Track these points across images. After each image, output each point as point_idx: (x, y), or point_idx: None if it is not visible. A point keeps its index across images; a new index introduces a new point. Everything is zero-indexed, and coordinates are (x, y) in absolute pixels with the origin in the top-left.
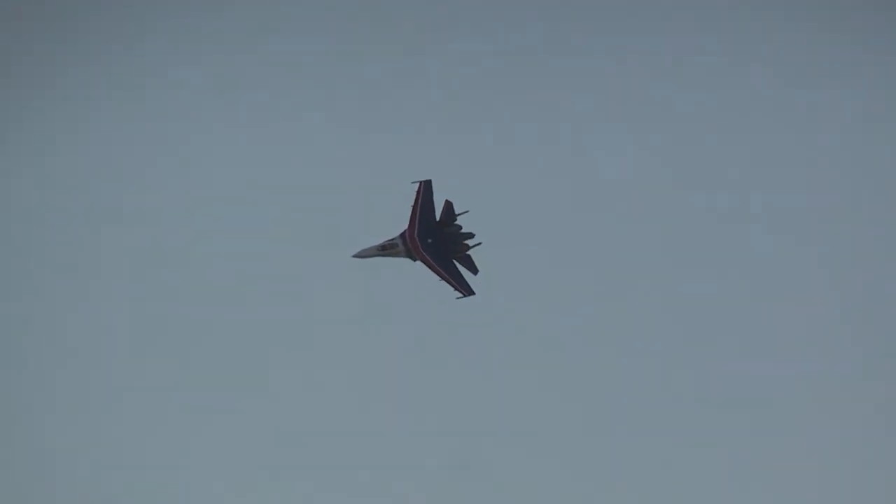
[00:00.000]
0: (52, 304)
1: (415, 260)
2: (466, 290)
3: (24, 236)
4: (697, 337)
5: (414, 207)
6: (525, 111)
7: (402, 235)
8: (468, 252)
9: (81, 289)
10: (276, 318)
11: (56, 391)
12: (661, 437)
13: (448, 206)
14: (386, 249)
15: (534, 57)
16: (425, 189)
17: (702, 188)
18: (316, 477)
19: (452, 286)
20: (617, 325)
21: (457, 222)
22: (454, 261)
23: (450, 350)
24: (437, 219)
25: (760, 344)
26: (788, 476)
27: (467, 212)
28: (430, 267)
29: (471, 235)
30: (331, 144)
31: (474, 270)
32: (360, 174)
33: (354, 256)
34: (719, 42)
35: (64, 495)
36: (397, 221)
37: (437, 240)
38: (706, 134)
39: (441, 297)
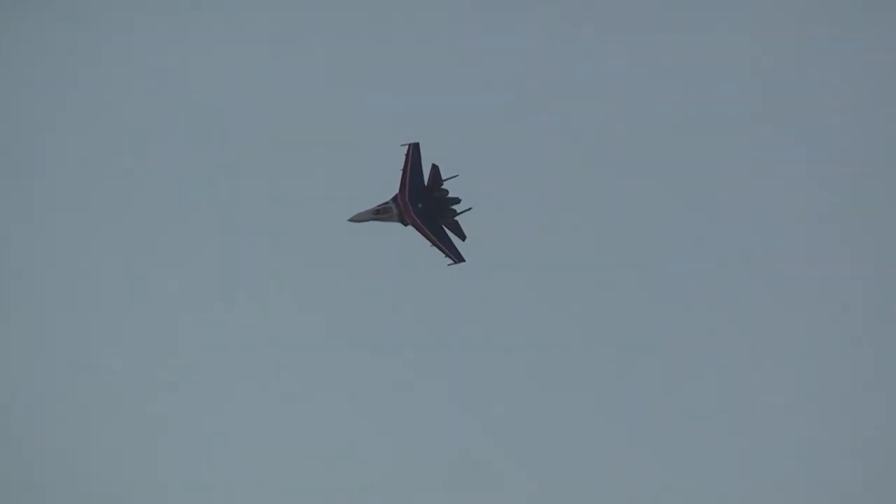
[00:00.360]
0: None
1: (406, 224)
2: (457, 257)
3: None
4: (688, 301)
5: (404, 170)
6: (511, 68)
7: (395, 199)
8: (456, 217)
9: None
10: (270, 283)
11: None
12: (646, 401)
13: (435, 170)
14: (380, 213)
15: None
16: (414, 152)
17: (692, 159)
18: (301, 439)
19: (443, 252)
20: (606, 293)
21: (443, 186)
22: (443, 226)
23: (441, 316)
24: (426, 183)
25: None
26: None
27: (457, 176)
28: (421, 232)
29: (457, 200)
30: (319, 103)
31: (462, 236)
32: (347, 135)
33: (350, 220)
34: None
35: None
36: (387, 183)
37: (426, 204)
38: (695, 98)
39: (432, 263)
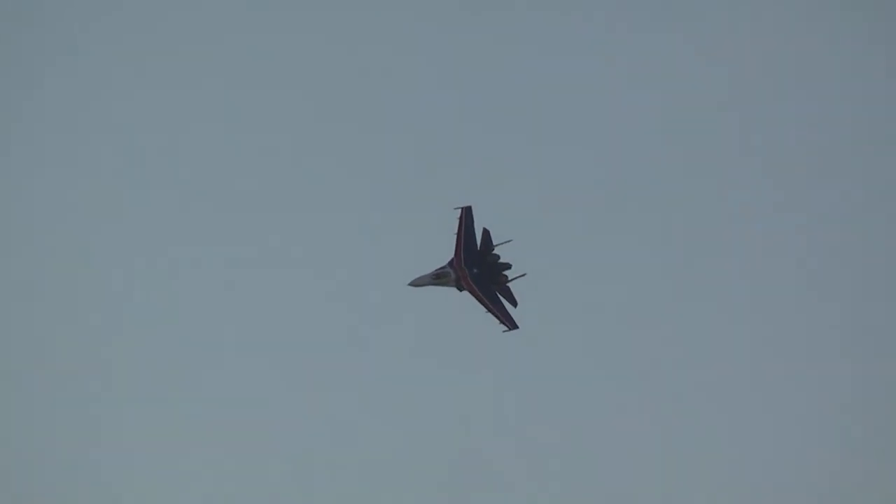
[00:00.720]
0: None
1: (462, 290)
2: (511, 324)
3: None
4: (752, 371)
5: (458, 235)
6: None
7: (451, 264)
8: (508, 283)
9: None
10: (323, 348)
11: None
12: (706, 478)
13: (486, 234)
14: (439, 278)
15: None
16: (466, 215)
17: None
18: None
19: (498, 319)
20: (660, 358)
21: (495, 251)
22: (496, 292)
23: (495, 383)
24: (478, 247)
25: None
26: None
27: (510, 241)
28: (477, 298)
29: (508, 266)
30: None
31: (514, 302)
32: (395, 198)
33: (409, 285)
34: None
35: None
36: (437, 246)
37: (481, 270)
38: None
39: (488, 330)
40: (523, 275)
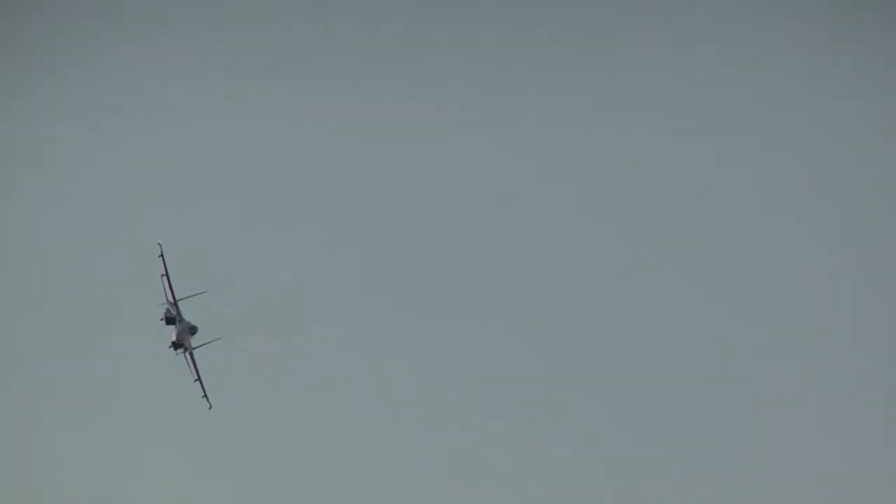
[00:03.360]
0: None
1: (178, 350)
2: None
3: None
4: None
5: (167, 280)
6: None
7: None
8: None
9: None
10: None
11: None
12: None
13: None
14: (193, 332)
15: None
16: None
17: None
18: None
19: (203, 391)
20: None
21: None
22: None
23: None
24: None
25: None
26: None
27: (206, 292)
28: (192, 362)
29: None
30: None
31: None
32: None
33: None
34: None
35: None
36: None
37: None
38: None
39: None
40: (218, 339)
